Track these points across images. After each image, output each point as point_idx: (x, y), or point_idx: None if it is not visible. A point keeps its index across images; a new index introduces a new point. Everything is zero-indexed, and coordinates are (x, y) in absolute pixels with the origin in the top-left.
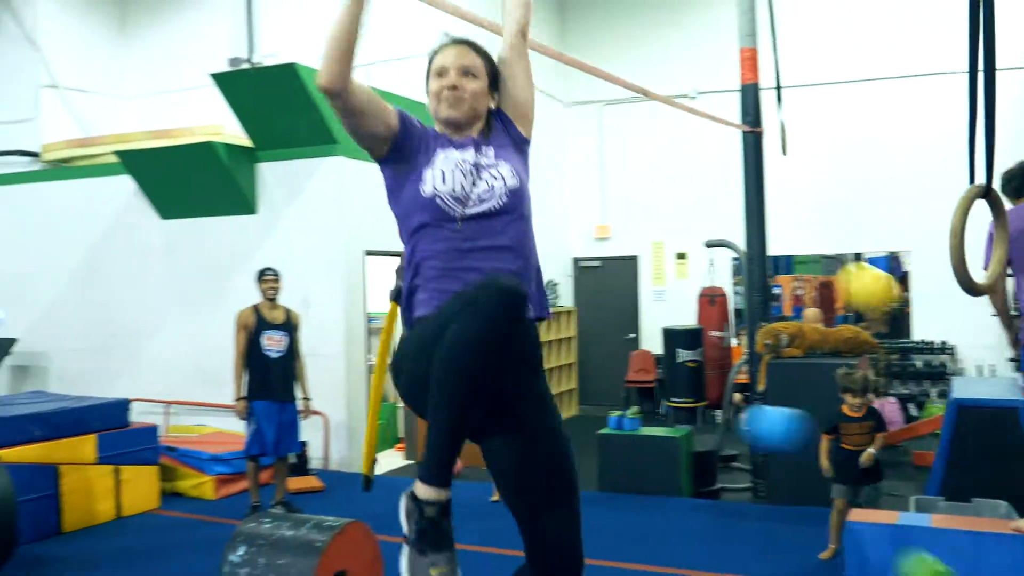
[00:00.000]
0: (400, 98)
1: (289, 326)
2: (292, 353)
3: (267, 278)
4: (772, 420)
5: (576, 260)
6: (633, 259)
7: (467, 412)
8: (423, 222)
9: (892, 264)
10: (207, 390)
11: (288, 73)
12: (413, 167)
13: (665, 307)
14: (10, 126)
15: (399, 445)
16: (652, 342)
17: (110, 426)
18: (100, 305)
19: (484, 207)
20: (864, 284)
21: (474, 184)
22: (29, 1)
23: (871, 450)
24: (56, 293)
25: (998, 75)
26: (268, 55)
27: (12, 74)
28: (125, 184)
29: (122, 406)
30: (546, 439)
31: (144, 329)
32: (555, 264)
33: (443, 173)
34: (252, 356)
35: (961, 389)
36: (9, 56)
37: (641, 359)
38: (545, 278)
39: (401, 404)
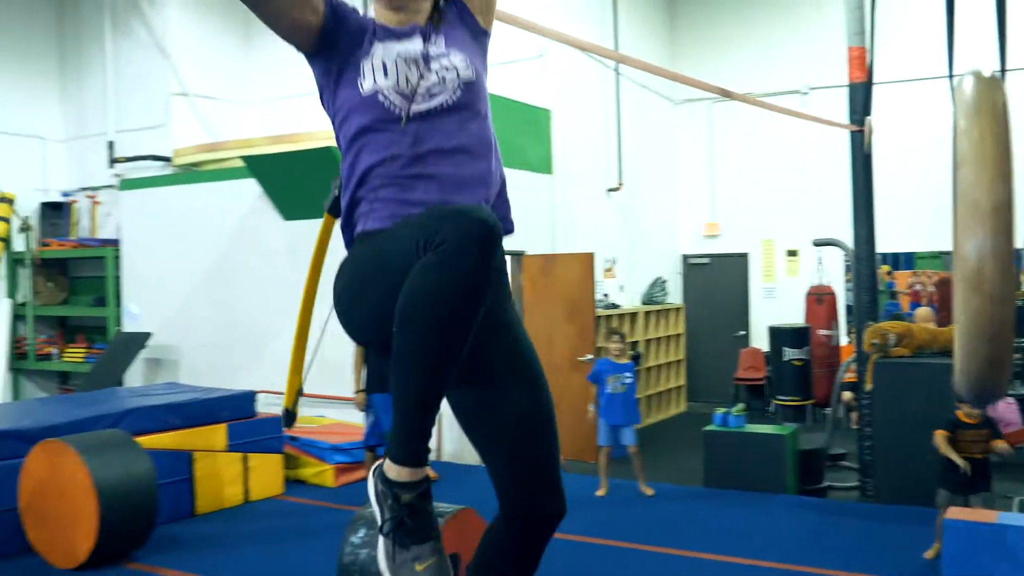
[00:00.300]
0: (511, 102)
1: None
2: None
3: None
4: None
5: (685, 257)
6: (743, 256)
7: (441, 375)
8: (363, 125)
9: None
10: (328, 383)
11: None
12: (348, 61)
13: (776, 304)
14: (144, 132)
15: None
16: (762, 339)
17: (238, 416)
18: (228, 307)
19: (434, 102)
20: None
21: (422, 77)
22: (160, 12)
23: (1001, 447)
24: (188, 292)
25: None
26: None
27: (145, 82)
28: (251, 187)
29: (249, 397)
30: (521, 383)
31: (269, 329)
32: (664, 261)
33: (384, 65)
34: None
35: None
36: (142, 64)
37: (751, 356)
38: (654, 275)
39: None
